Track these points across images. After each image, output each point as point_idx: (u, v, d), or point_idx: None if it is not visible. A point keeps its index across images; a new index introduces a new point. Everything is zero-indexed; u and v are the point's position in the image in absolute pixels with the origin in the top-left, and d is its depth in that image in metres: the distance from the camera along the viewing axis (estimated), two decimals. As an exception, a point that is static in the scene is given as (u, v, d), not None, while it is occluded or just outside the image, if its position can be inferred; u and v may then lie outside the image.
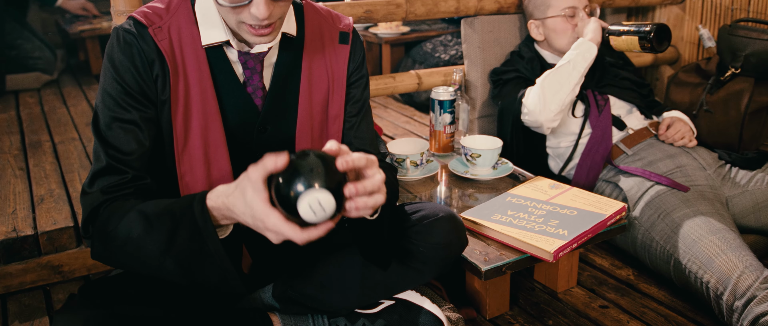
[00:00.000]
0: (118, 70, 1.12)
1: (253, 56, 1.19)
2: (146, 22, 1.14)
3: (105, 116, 1.13)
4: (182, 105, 1.15)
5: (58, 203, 1.99)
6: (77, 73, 4.08)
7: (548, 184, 1.78)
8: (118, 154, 1.12)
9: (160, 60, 1.13)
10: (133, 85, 1.12)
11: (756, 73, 2.28)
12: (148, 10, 1.16)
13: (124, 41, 1.12)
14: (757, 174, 1.88)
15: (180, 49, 1.15)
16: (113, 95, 1.12)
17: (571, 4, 2.04)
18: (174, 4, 1.17)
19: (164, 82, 1.14)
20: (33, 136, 2.73)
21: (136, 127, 1.13)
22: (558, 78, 1.92)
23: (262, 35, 1.09)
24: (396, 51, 3.23)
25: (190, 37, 1.15)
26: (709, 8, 2.62)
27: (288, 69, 1.23)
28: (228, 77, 1.18)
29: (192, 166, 1.16)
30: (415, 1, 2.07)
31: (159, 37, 1.13)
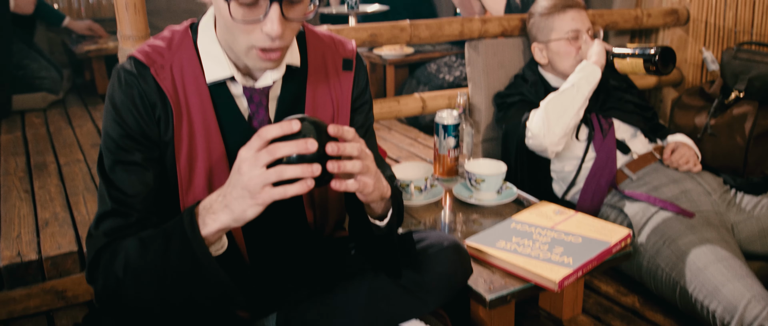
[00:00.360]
0: (120, 112, 1.11)
1: (258, 90, 1.17)
2: (148, 62, 1.12)
3: (108, 159, 1.12)
4: (186, 145, 1.14)
5: (62, 227, 2.00)
6: (83, 93, 4.11)
7: (553, 210, 1.77)
8: (122, 196, 1.11)
9: (163, 101, 1.12)
10: (134, 127, 1.11)
11: (760, 96, 2.28)
12: (149, 48, 1.15)
13: (126, 83, 1.11)
14: (763, 199, 1.87)
15: (183, 87, 1.13)
16: (115, 138, 1.11)
17: (575, 27, 2.05)
18: (176, 41, 1.16)
19: (167, 122, 1.13)
20: (38, 158, 2.74)
21: (140, 168, 1.12)
22: (562, 101, 1.92)
23: (270, 59, 1.08)
24: (400, 72, 3.24)
25: (193, 74, 1.14)
26: (712, 30, 2.63)
27: (292, 100, 1.23)
28: (232, 113, 1.17)
29: None
30: (420, 24, 2.08)
31: (161, 77, 1.12)
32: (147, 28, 1.71)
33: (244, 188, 0.97)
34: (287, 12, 1.04)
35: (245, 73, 1.17)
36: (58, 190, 2.34)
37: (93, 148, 2.86)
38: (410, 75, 3.18)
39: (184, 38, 1.16)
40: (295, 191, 0.96)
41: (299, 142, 0.96)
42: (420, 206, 1.85)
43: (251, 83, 1.17)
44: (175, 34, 1.17)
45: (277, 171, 0.96)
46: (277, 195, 0.96)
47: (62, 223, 2.03)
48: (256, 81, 1.18)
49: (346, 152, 1.02)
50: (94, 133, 3.15)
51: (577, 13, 2.07)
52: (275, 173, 0.96)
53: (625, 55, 1.99)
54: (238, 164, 1.00)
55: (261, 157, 0.97)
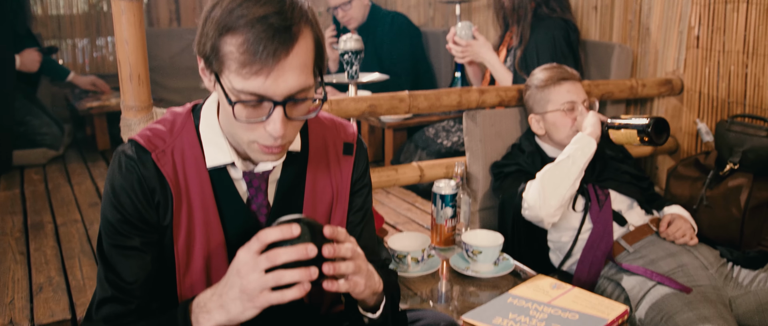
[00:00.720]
0: (119, 197, 1.11)
1: (257, 175, 1.18)
2: (149, 147, 1.13)
3: (106, 242, 1.13)
4: (185, 229, 1.14)
5: (56, 292, 1.99)
6: (83, 148, 4.13)
7: (550, 284, 1.77)
8: (121, 282, 1.11)
9: (163, 186, 1.12)
10: (132, 213, 1.11)
11: (754, 169, 2.30)
12: (151, 133, 1.15)
13: (126, 168, 1.11)
14: (760, 273, 1.87)
15: (183, 172, 1.14)
16: (113, 222, 1.11)
17: (570, 99, 2.09)
18: (178, 125, 1.17)
19: (166, 207, 1.13)
20: (35, 217, 2.74)
21: (138, 253, 1.12)
22: (558, 173, 1.94)
23: (272, 153, 1.09)
24: (398, 136, 3.28)
25: (193, 159, 1.15)
26: (706, 101, 2.67)
27: (292, 184, 1.23)
28: (231, 197, 1.18)
29: (193, 288, 1.16)
30: (418, 95, 2.12)
31: (162, 162, 1.12)
32: (150, 99, 1.74)
33: (242, 291, 0.98)
34: (290, 112, 1.05)
35: (245, 158, 1.18)
36: (53, 252, 2.33)
37: (91, 208, 2.87)
38: (408, 138, 3.21)
39: (186, 122, 1.17)
40: (293, 296, 0.97)
41: (299, 248, 0.97)
42: (416, 277, 1.84)
43: (251, 168, 1.18)
44: (177, 117, 1.19)
45: (275, 277, 0.97)
46: (275, 300, 0.98)
47: (56, 288, 2.01)
48: (256, 165, 1.19)
49: (341, 254, 1.03)
50: (93, 191, 3.15)
51: (572, 85, 2.11)
52: (274, 278, 0.97)
53: (619, 125, 2.02)
54: (236, 266, 1.00)
55: (260, 262, 0.98)
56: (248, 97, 1.01)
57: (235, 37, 0.99)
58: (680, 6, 2.69)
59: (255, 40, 0.97)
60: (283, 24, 0.98)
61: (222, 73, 1.02)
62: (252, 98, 1.01)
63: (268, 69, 0.98)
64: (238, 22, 0.98)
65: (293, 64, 1.00)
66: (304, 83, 1.03)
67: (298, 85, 1.02)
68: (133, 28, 1.65)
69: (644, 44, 2.86)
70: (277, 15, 0.98)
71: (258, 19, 0.97)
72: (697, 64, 2.67)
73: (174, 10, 5.05)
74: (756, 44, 2.44)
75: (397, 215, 2.69)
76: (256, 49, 0.97)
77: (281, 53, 0.98)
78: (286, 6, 1.00)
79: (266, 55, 0.97)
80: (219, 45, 1.00)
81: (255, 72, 0.98)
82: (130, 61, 1.67)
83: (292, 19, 1.00)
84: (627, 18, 2.92)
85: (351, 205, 1.31)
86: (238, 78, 1.00)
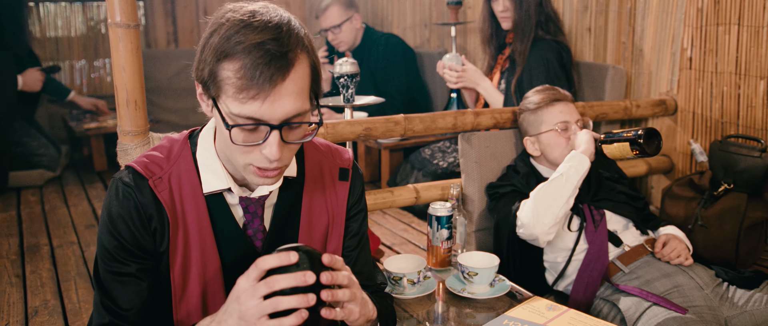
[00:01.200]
0: (115, 224, 1.12)
1: (253, 201, 1.19)
2: (146, 174, 1.14)
3: (103, 269, 1.13)
4: (181, 255, 1.15)
5: (52, 316, 1.98)
6: (80, 169, 4.14)
7: (545, 305, 1.77)
8: (117, 309, 1.12)
9: (159, 212, 1.13)
10: (129, 240, 1.12)
11: (748, 189, 2.31)
12: (148, 160, 1.17)
13: (123, 195, 1.12)
14: (755, 293, 1.88)
15: (180, 198, 1.15)
16: (109, 250, 1.12)
17: (563, 119, 2.11)
18: (175, 152, 1.18)
19: (163, 234, 1.14)
20: (32, 239, 2.74)
21: (135, 279, 1.13)
22: (551, 191, 1.95)
23: (268, 177, 1.10)
24: (395, 156, 3.29)
25: (190, 185, 1.16)
26: (699, 121, 2.69)
27: (288, 209, 1.24)
28: (227, 222, 1.18)
29: (189, 314, 1.16)
30: (414, 118, 2.13)
31: (159, 189, 1.13)
32: (146, 124, 1.75)
33: (241, 318, 0.99)
34: (286, 136, 1.06)
35: (242, 183, 1.19)
36: (49, 275, 2.33)
37: (87, 230, 2.87)
38: (405, 159, 3.23)
39: (182, 149, 1.19)
40: (290, 323, 0.98)
41: (298, 275, 0.98)
42: (413, 299, 1.84)
43: (247, 193, 1.19)
44: (174, 144, 1.20)
45: (273, 303, 0.98)
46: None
47: (52, 312, 2.01)
48: (252, 191, 1.19)
49: (338, 281, 1.05)
50: (90, 212, 3.15)
51: (564, 105, 2.13)
52: (271, 304, 0.98)
53: (612, 140, 2.03)
54: (236, 293, 1.01)
55: (259, 288, 0.98)
56: (245, 121, 1.02)
57: (233, 63, 1.00)
58: (672, 28, 2.72)
59: (252, 66, 0.99)
60: (279, 50, 1.00)
61: (219, 97, 1.04)
62: (249, 122, 1.02)
63: (265, 94, 1.00)
64: (235, 48, 1.00)
65: (289, 89, 1.02)
66: (300, 108, 1.05)
67: (294, 110, 1.04)
68: (130, 55, 1.67)
69: (638, 65, 2.89)
70: (274, 41, 1.00)
71: (255, 45, 0.99)
72: (691, 85, 2.69)
73: (172, 32, 5.09)
74: (748, 65, 2.46)
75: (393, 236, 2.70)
76: (253, 75, 0.99)
77: (278, 78, 1.00)
78: (283, 33, 1.02)
79: (263, 81, 0.99)
80: (217, 70, 1.02)
81: (252, 97, 1.00)
82: (127, 86, 1.68)
83: (289, 46, 1.02)
84: (620, 40, 2.95)
85: (347, 230, 1.32)
86: (235, 102, 1.01)
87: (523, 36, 2.67)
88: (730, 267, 2.23)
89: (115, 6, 1.64)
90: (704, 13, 2.59)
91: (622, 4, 2.90)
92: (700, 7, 2.59)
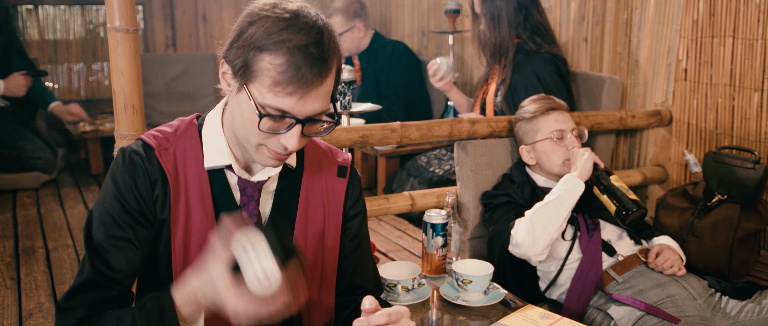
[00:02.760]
0: (120, 188, 1.16)
1: (251, 184, 1.24)
2: (153, 144, 1.20)
3: (99, 231, 1.16)
4: (183, 225, 1.19)
5: (46, 319, 1.98)
6: (77, 172, 4.14)
7: (539, 314, 1.77)
8: (107, 269, 1.14)
9: (163, 181, 1.18)
10: (133, 204, 1.16)
11: (741, 200, 2.33)
12: (157, 133, 1.23)
13: (130, 161, 1.18)
14: (748, 304, 1.89)
15: (184, 170, 1.20)
16: (112, 213, 1.15)
17: (559, 128, 2.12)
18: (182, 128, 1.24)
19: (164, 202, 1.18)
20: (27, 242, 2.74)
21: (130, 245, 1.16)
22: (547, 213, 1.97)
23: (278, 159, 1.16)
24: (391, 163, 3.30)
25: (194, 159, 1.21)
26: (694, 132, 2.71)
27: (285, 197, 1.28)
28: (227, 201, 1.23)
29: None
30: (410, 126, 2.14)
31: (164, 159, 1.19)
32: (144, 128, 1.76)
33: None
34: (307, 130, 1.14)
35: (243, 166, 1.24)
36: (44, 278, 2.33)
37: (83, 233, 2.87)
38: (401, 166, 3.24)
39: (189, 127, 1.24)
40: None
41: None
42: (407, 306, 1.84)
43: (247, 176, 1.24)
44: (182, 122, 1.26)
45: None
46: None
47: (46, 315, 2.01)
48: (251, 175, 1.24)
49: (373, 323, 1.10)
50: (85, 216, 3.15)
51: (560, 114, 2.15)
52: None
53: (605, 189, 2.01)
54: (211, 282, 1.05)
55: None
56: (274, 112, 1.09)
57: (275, 58, 1.06)
58: (668, 39, 2.74)
59: (294, 65, 1.06)
60: (321, 55, 1.08)
61: (251, 83, 1.09)
62: (277, 113, 1.09)
63: (301, 92, 1.07)
64: (279, 45, 1.06)
65: (321, 91, 1.10)
66: (325, 107, 1.13)
67: (320, 109, 1.12)
68: (128, 59, 1.68)
69: (634, 76, 2.91)
70: (317, 46, 1.08)
71: (299, 46, 1.06)
72: (686, 96, 2.71)
73: (170, 37, 5.10)
74: (742, 77, 2.48)
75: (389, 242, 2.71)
76: (295, 73, 1.06)
77: (316, 81, 1.08)
78: (325, 38, 1.09)
79: (303, 81, 1.07)
80: (254, 60, 1.08)
81: (289, 93, 1.07)
82: (125, 91, 1.69)
83: (328, 52, 1.10)
84: (616, 50, 2.97)
85: (346, 232, 1.35)
86: (270, 94, 1.08)
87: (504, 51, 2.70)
88: (723, 277, 2.25)
89: (114, 10, 1.65)
90: (699, 25, 2.61)
91: (619, 15, 2.93)
92: (696, 19, 2.62)
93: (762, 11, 2.38)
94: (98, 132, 4.10)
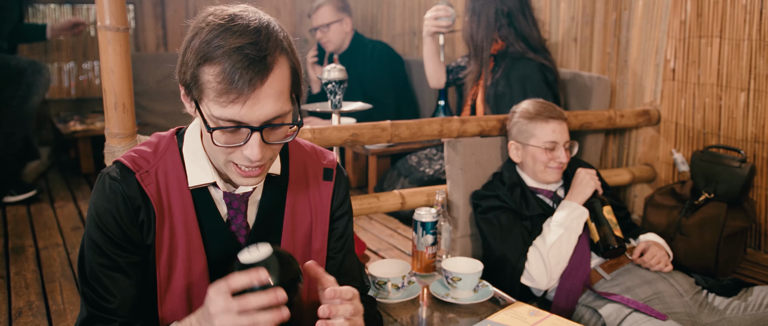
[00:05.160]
0: (102, 218, 1.14)
1: (237, 197, 1.21)
2: (133, 168, 1.16)
3: (89, 264, 1.14)
4: (167, 248, 1.17)
5: (36, 317, 1.98)
6: (67, 171, 4.13)
7: (527, 311, 1.79)
8: (104, 302, 1.13)
9: (146, 205, 1.15)
10: (117, 233, 1.14)
11: (728, 198, 2.36)
12: (136, 154, 1.19)
13: (110, 189, 1.14)
14: (734, 301, 1.91)
15: (167, 191, 1.17)
16: (98, 243, 1.14)
17: (553, 139, 2.13)
18: (162, 146, 1.21)
19: (149, 226, 1.16)
20: (17, 240, 2.73)
21: (121, 274, 1.14)
22: (561, 249, 2.00)
23: (249, 176, 1.12)
24: (382, 162, 3.32)
25: (176, 179, 1.18)
26: (682, 131, 2.74)
27: (272, 207, 1.26)
28: (212, 217, 1.20)
29: (174, 308, 1.17)
30: (400, 125, 2.15)
31: (146, 182, 1.15)
32: (134, 127, 1.76)
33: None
34: (267, 137, 1.09)
35: (227, 179, 1.21)
36: (34, 276, 2.32)
37: (73, 232, 2.86)
38: (392, 166, 3.25)
39: (170, 144, 1.21)
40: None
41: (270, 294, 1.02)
42: (397, 304, 1.86)
43: (232, 189, 1.21)
44: (162, 139, 1.22)
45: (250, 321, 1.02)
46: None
47: (36, 313, 2.01)
48: (236, 188, 1.22)
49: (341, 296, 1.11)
50: (75, 215, 3.15)
51: (558, 124, 2.15)
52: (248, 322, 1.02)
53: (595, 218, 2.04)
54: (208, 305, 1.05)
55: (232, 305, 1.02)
56: (226, 124, 1.05)
57: (213, 67, 1.03)
58: (656, 40, 2.76)
59: (231, 70, 1.01)
60: (258, 54, 1.03)
61: (201, 100, 1.06)
62: (230, 124, 1.05)
63: (244, 97, 1.03)
64: (215, 52, 1.02)
65: (268, 93, 1.04)
66: (281, 109, 1.07)
67: (274, 112, 1.06)
68: (118, 58, 1.68)
69: (623, 76, 2.93)
70: (253, 45, 1.03)
71: (234, 49, 1.02)
72: (674, 96, 2.74)
73: (161, 36, 5.09)
74: (729, 77, 2.51)
75: (379, 241, 2.72)
76: (233, 79, 1.01)
77: (256, 82, 1.03)
78: (262, 37, 1.04)
79: (242, 84, 1.02)
80: (198, 74, 1.05)
81: (232, 100, 1.02)
82: (116, 89, 1.69)
83: (267, 49, 1.04)
84: (606, 50, 2.99)
85: (332, 232, 1.34)
86: (216, 106, 1.04)
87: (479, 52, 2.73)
88: (710, 275, 2.27)
89: (104, 9, 1.65)
90: (687, 26, 2.63)
91: (608, 15, 2.95)
92: (684, 20, 2.64)
93: (748, 12, 2.41)
94: (89, 131, 4.08)
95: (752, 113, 2.46)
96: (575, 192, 2.09)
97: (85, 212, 3.18)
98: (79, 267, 1.16)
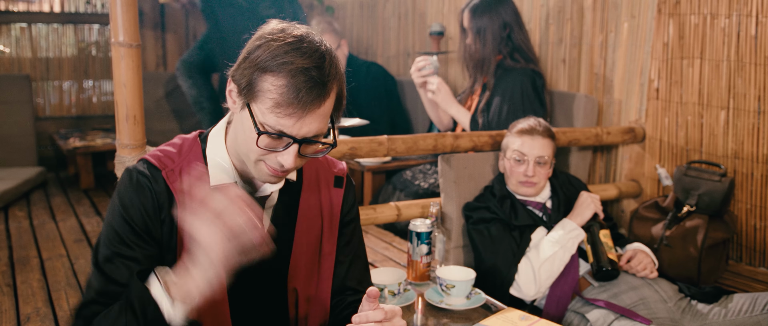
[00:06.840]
0: (128, 209, 1.19)
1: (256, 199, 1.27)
2: (160, 166, 1.23)
3: (106, 250, 1.18)
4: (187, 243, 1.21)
5: (44, 322, 2.04)
6: (66, 187, 4.18)
7: (518, 316, 1.87)
8: (115, 287, 1.16)
9: (170, 202, 1.21)
10: (140, 225, 1.19)
11: (709, 210, 2.46)
12: (161, 153, 1.25)
13: (137, 182, 1.21)
14: (715, 307, 2.00)
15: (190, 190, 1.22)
16: (120, 232, 1.18)
17: (522, 150, 2.20)
18: (186, 147, 1.28)
19: (171, 227, 1.22)
20: (21, 252, 2.79)
21: (137, 264, 1.18)
22: (554, 264, 2.07)
23: (276, 176, 1.21)
24: (377, 178, 3.40)
25: (199, 179, 1.24)
26: (666, 148, 2.84)
27: (286, 211, 1.34)
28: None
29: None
30: (396, 139, 2.25)
31: (171, 180, 1.22)
32: (144, 138, 1.84)
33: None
34: (304, 150, 1.18)
35: (247, 181, 1.29)
36: (40, 285, 2.38)
37: (76, 244, 2.92)
38: (387, 181, 3.33)
39: (193, 145, 1.28)
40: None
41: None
42: (393, 309, 1.93)
43: (251, 191, 1.29)
44: (185, 141, 1.30)
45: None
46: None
47: (44, 318, 2.07)
48: (255, 192, 1.29)
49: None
50: (77, 228, 3.21)
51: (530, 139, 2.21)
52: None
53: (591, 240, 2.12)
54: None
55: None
56: (272, 131, 1.14)
57: (277, 79, 1.12)
58: (641, 61, 2.88)
59: (295, 88, 1.10)
60: (321, 79, 1.13)
61: (253, 103, 1.15)
62: (275, 133, 1.14)
63: (300, 115, 1.12)
64: (282, 67, 1.12)
65: (319, 114, 1.14)
66: (322, 129, 1.17)
67: (317, 130, 1.16)
68: (130, 72, 1.76)
69: (609, 95, 3.04)
70: (318, 69, 1.13)
71: (300, 69, 1.11)
72: (658, 114, 2.85)
73: (161, 56, 5.17)
74: (710, 97, 2.63)
75: (375, 253, 2.79)
76: (295, 96, 1.11)
77: (315, 104, 1.12)
78: (326, 62, 1.15)
79: (301, 103, 1.11)
80: (258, 81, 1.13)
81: (288, 114, 1.12)
82: (127, 102, 1.78)
83: (329, 76, 1.14)
84: (593, 71, 3.10)
85: (341, 235, 1.42)
86: (270, 114, 1.13)
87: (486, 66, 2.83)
88: (692, 284, 2.36)
89: (118, 26, 1.74)
90: (670, 47, 2.75)
91: (595, 37, 3.07)
92: (666, 42, 2.76)
93: (726, 34, 2.53)
94: (89, 148, 4.15)
95: (732, 130, 2.57)
96: (575, 213, 2.17)
97: (87, 226, 3.24)
98: (93, 255, 1.20)
